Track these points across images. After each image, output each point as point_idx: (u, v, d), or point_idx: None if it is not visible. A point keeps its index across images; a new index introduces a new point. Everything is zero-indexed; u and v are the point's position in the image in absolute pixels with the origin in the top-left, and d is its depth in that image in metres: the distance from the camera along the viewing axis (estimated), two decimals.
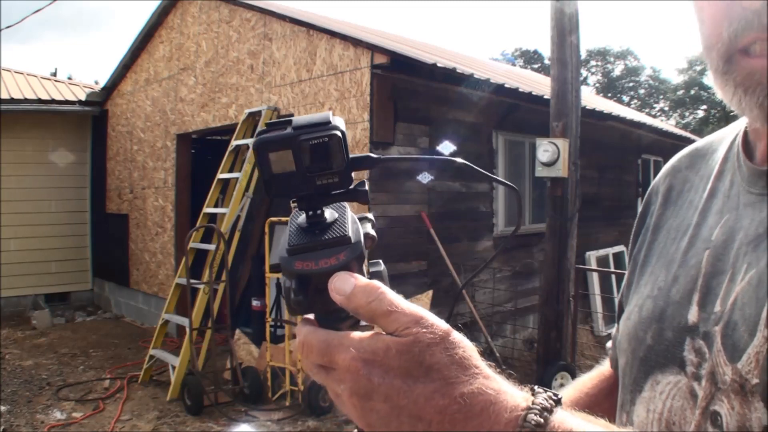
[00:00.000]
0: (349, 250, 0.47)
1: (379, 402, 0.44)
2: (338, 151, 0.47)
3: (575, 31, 5.11)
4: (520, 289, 6.51)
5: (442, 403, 0.44)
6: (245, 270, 7.55)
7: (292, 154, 0.47)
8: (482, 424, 0.44)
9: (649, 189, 0.78)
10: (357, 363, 0.44)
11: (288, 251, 0.48)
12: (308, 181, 0.48)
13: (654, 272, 0.68)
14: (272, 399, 4.99)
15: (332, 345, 0.46)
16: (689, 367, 0.58)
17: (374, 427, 0.46)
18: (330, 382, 0.47)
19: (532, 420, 0.43)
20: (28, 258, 8.62)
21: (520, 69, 22.67)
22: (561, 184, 5.08)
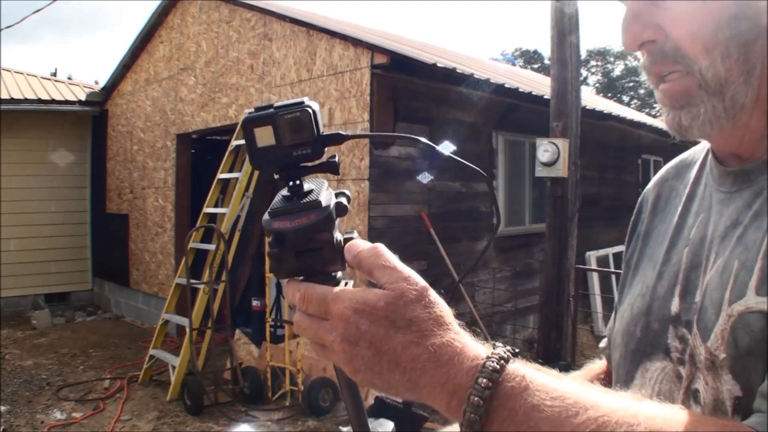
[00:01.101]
0: (319, 212, 0.55)
1: (365, 348, 0.52)
2: (309, 124, 0.55)
3: (575, 31, 5.11)
4: (520, 289, 6.51)
5: (417, 352, 0.51)
6: (245, 270, 7.55)
7: (272, 129, 0.55)
8: (448, 372, 0.51)
9: (640, 198, 0.85)
10: (348, 312, 0.52)
11: (269, 213, 0.56)
12: (286, 153, 0.56)
13: (644, 273, 0.74)
14: (272, 399, 4.99)
15: (329, 297, 0.53)
16: (674, 353, 0.64)
17: (359, 372, 0.53)
18: (323, 332, 0.54)
19: (490, 366, 0.50)
20: (28, 258, 8.62)
21: (520, 69, 22.67)
22: (561, 184, 5.08)
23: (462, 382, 0.50)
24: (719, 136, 0.64)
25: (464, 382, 0.50)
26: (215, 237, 5.66)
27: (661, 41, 0.61)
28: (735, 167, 0.65)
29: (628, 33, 0.63)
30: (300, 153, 0.56)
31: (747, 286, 0.55)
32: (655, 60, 0.63)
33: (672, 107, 0.63)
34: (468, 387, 0.50)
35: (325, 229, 0.55)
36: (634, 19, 0.62)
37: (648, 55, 0.64)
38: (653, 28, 0.62)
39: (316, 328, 0.55)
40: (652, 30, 0.62)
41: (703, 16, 0.58)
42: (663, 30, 0.61)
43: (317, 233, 0.55)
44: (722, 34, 0.58)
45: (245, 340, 5.81)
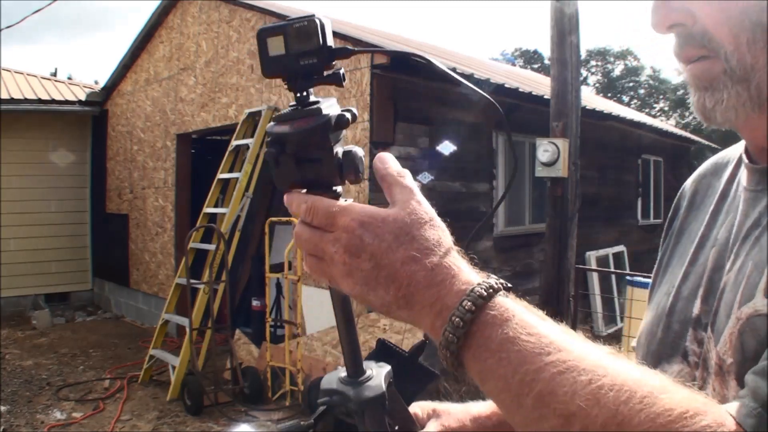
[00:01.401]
0: (318, 118, 0.56)
1: (365, 260, 0.53)
2: (314, 33, 0.57)
3: (575, 31, 5.11)
4: (520, 289, 6.47)
5: (414, 268, 0.52)
6: (245, 270, 7.55)
7: (283, 38, 0.57)
8: (439, 291, 0.52)
9: (679, 193, 0.82)
10: (354, 223, 0.54)
11: (272, 119, 0.58)
12: (294, 62, 0.57)
13: (672, 272, 0.72)
14: (272, 399, 4.99)
15: (336, 209, 0.55)
16: (691, 356, 0.62)
17: (356, 285, 0.54)
18: (324, 243, 0.55)
19: (477, 292, 0.51)
20: (28, 258, 8.62)
21: (520, 69, 22.67)
22: (561, 184, 5.08)
23: (449, 303, 0.51)
24: (745, 127, 0.61)
25: (451, 303, 0.51)
26: (215, 237, 5.66)
27: (689, 24, 0.60)
28: (762, 165, 0.62)
29: (657, 14, 0.62)
30: (306, 62, 0.57)
31: (756, 288, 0.54)
32: (683, 43, 0.61)
33: (697, 88, 0.61)
34: (453, 308, 0.51)
35: (322, 135, 0.56)
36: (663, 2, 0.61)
37: (677, 39, 0.62)
38: (682, 12, 0.60)
39: (318, 239, 0.55)
40: (680, 13, 0.60)
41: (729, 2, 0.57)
42: (692, 13, 0.59)
43: (314, 138, 0.56)
44: (749, 19, 0.56)
45: (245, 340, 5.81)
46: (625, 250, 8.76)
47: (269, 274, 5.25)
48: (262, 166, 5.93)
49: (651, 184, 10.26)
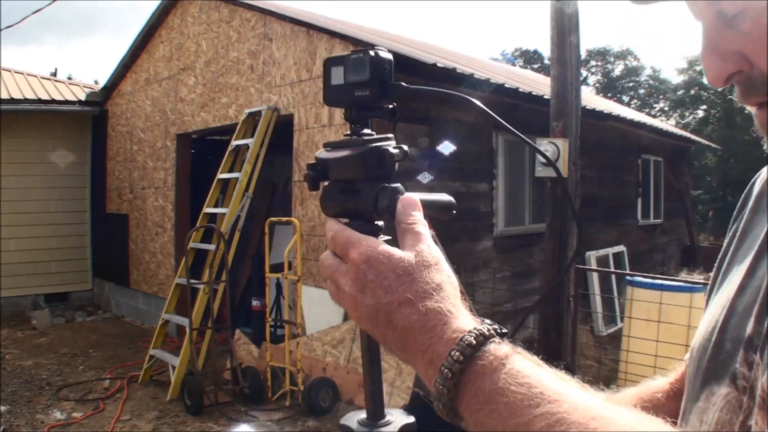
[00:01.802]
0: (359, 149, 0.58)
1: (368, 297, 0.53)
2: (367, 66, 0.58)
3: (575, 31, 5.11)
4: (520, 289, 6.51)
5: (409, 312, 0.52)
6: (245, 270, 7.55)
7: (343, 68, 0.59)
8: (431, 338, 0.51)
9: (745, 191, 0.74)
10: (360, 258, 0.54)
11: (324, 145, 0.61)
12: (349, 92, 0.60)
13: (731, 280, 0.65)
14: (272, 399, 4.99)
15: (351, 241, 0.56)
16: (740, 380, 0.56)
17: (361, 320, 0.55)
18: (338, 274, 0.56)
19: (466, 340, 0.49)
20: (28, 258, 8.62)
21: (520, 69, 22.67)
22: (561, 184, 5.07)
23: (439, 351, 0.50)
24: None
25: (441, 352, 0.50)
26: (215, 237, 5.66)
27: (747, 70, 0.54)
28: None
29: (710, 69, 0.56)
30: (360, 93, 0.59)
31: None
32: (746, 91, 0.56)
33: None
34: (443, 357, 0.50)
35: (360, 167, 0.58)
36: (712, 52, 0.55)
37: (738, 87, 0.56)
38: (735, 58, 0.54)
39: (335, 269, 0.57)
40: (734, 61, 0.55)
41: None
42: (747, 58, 0.54)
43: (352, 168, 0.58)
44: None
45: (245, 340, 5.81)
46: (625, 250, 8.76)
47: (269, 274, 5.25)
48: (262, 167, 5.93)
49: (651, 184, 10.26)
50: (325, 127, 5.46)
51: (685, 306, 4.77)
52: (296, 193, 5.81)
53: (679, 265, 11.20)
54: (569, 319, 5.28)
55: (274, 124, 5.93)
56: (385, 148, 0.58)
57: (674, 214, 11.47)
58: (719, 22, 0.54)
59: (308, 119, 5.65)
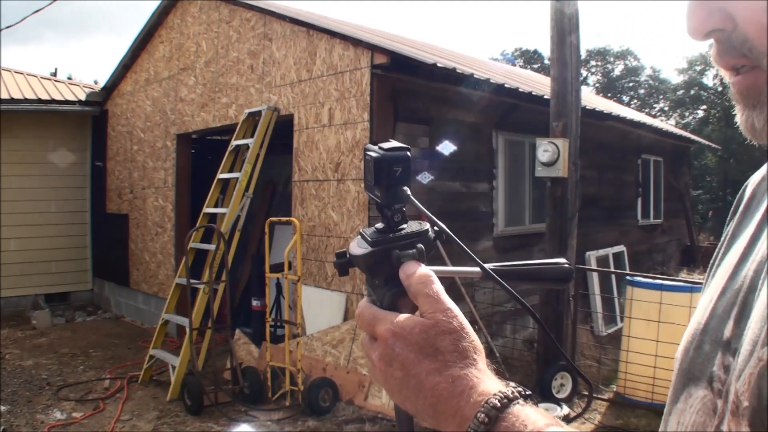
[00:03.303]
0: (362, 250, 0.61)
1: (397, 369, 0.56)
2: (371, 171, 0.60)
3: (575, 31, 5.11)
4: (519, 290, 6.50)
5: (437, 380, 0.54)
6: (245, 270, 7.55)
7: (364, 163, 0.63)
8: (459, 403, 0.53)
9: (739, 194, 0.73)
10: (387, 333, 0.57)
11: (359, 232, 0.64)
12: (371, 189, 0.62)
13: (715, 283, 0.65)
14: (272, 399, 4.99)
15: (377, 318, 0.59)
16: (716, 383, 0.56)
17: (393, 392, 0.58)
18: (371, 350, 0.60)
19: (491, 403, 0.52)
20: (28, 258, 8.62)
21: (520, 69, 22.67)
22: (561, 184, 5.08)
23: (467, 414, 0.53)
24: None
25: (468, 415, 0.53)
26: (215, 237, 5.66)
27: (729, 30, 0.53)
28: None
29: (693, 18, 0.55)
30: (377, 194, 0.62)
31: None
32: (723, 51, 0.55)
33: (745, 106, 0.55)
34: (470, 420, 0.52)
35: (364, 266, 0.61)
36: (700, 4, 0.54)
37: (716, 45, 0.56)
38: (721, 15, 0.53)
39: (368, 347, 0.60)
40: (719, 17, 0.53)
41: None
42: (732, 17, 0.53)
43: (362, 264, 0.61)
44: None
45: (245, 340, 5.81)
46: (625, 250, 8.76)
47: (269, 274, 5.25)
48: (262, 167, 5.93)
49: (651, 184, 10.26)
50: (325, 127, 5.46)
51: (685, 306, 4.77)
52: (296, 193, 5.81)
53: (679, 265, 11.20)
54: (569, 319, 5.29)
55: (274, 124, 5.93)
56: (394, 251, 0.60)
57: (674, 214, 11.47)
58: None
59: (308, 119, 5.65)
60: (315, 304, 5.43)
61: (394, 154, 0.61)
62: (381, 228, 0.63)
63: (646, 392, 4.86)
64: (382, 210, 0.62)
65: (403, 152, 0.61)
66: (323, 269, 5.49)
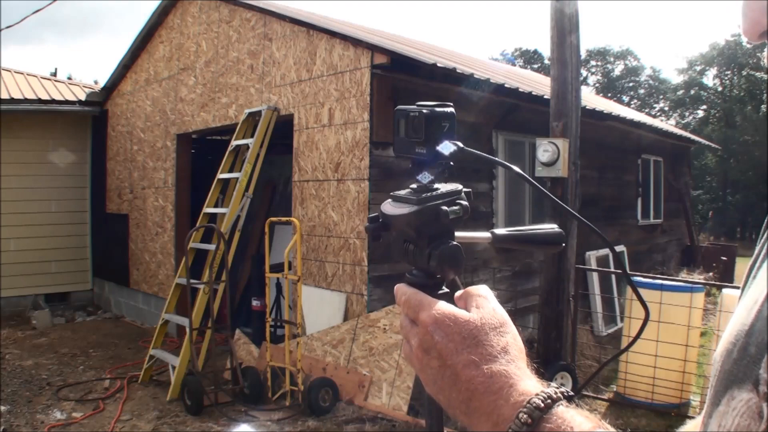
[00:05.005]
0: (415, 206, 0.60)
1: (434, 358, 0.55)
2: (420, 126, 0.61)
3: (575, 31, 5.11)
4: (520, 289, 6.51)
5: (474, 373, 0.53)
6: (245, 270, 7.55)
7: (404, 123, 0.63)
8: (496, 401, 0.52)
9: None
10: (429, 320, 0.56)
11: (390, 196, 0.63)
12: (410, 147, 0.63)
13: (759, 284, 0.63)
14: (272, 399, 4.98)
15: (422, 304, 0.58)
16: (762, 386, 0.54)
17: (427, 382, 0.57)
18: (410, 335, 0.58)
19: (534, 403, 0.50)
20: (28, 258, 8.62)
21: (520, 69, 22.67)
22: (561, 184, 5.08)
23: (505, 414, 0.51)
24: None
25: (507, 415, 0.51)
26: (215, 237, 5.66)
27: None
28: None
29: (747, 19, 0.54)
30: (418, 151, 0.62)
31: None
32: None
33: None
34: (510, 420, 0.50)
35: (411, 225, 0.60)
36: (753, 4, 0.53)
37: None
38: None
39: (407, 331, 0.59)
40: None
41: None
42: None
43: (407, 225, 0.60)
44: None
45: (245, 340, 5.81)
46: (625, 250, 8.76)
47: (269, 274, 5.25)
48: (262, 167, 5.93)
49: (651, 184, 10.26)
50: (325, 127, 5.46)
51: (685, 306, 4.77)
52: (296, 193, 5.81)
53: (679, 265, 11.20)
54: (569, 319, 5.29)
55: (274, 124, 5.93)
56: (441, 207, 0.60)
57: (674, 214, 11.47)
58: None
59: (308, 119, 5.65)
60: (315, 304, 5.43)
61: (443, 110, 0.62)
62: (418, 188, 0.62)
63: (646, 392, 4.87)
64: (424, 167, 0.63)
65: (450, 108, 0.63)
66: (323, 269, 5.49)
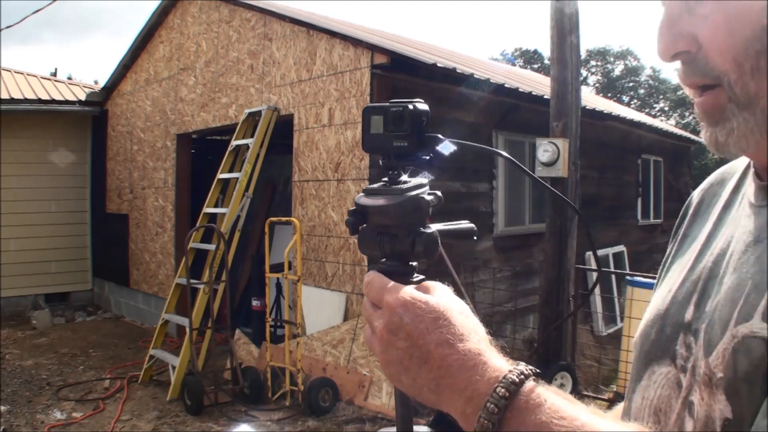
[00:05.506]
0: (398, 198, 0.62)
1: (402, 339, 0.57)
2: (407, 119, 0.63)
3: (575, 31, 5.11)
4: (520, 289, 6.51)
5: (447, 352, 0.55)
6: (245, 270, 7.55)
7: (382, 119, 0.64)
8: (471, 377, 0.54)
9: (687, 200, 0.85)
10: (397, 303, 0.57)
11: (363, 191, 0.64)
12: (389, 142, 0.64)
13: (671, 276, 0.74)
14: (272, 399, 4.99)
15: (386, 288, 0.60)
16: (679, 360, 0.64)
17: (391, 364, 0.58)
18: (373, 318, 0.60)
19: (510, 378, 0.53)
20: (28, 258, 8.62)
21: (520, 69, 22.66)
22: (561, 184, 5.08)
23: (481, 389, 0.54)
24: (756, 151, 0.62)
25: (483, 390, 0.53)
26: (215, 237, 5.66)
27: (694, 52, 0.59)
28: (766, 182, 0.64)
29: (662, 41, 0.61)
30: (398, 144, 0.64)
31: (755, 310, 0.54)
32: (688, 72, 0.61)
33: (708, 124, 0.61)
34: (486, 395, 0.53)
35: (399, 214, 0.62)
36: (668, 28, 0.60)
37: (682, 66, 0.62)
38: (687, 38, 0.59)
39: (370, 314, 0.61)
40: (685, 40, 0.59)
41: (735, 29, 0.56)
42: (696, 41, 0.59)
43: (392, 215, 0.62)
44: (753, 47, 0.56)
45: (245, 340, 5.81)
46: (625, 249, 8.76)
47: (269, 274, 5.25)
48: (262, 167, 5.93)
49: (651, 184, 10.26)
50: (325, 127, 5.46)
51: None
52: (296, 193, 5.81)
53: None
54: (569, 319, 5.28)
55: (274, 124, 5.93)
56: (422, 197, 0.62)
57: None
58: (682, 5, 0.60)
59: (308, 119, 5.65)
60: (315, 304, 5.43)
61: (423, 106, 0.64)
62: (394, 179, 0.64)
63: None
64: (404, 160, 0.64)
65: (425, 104, 0.65)
66: (323, 269, 5.49)
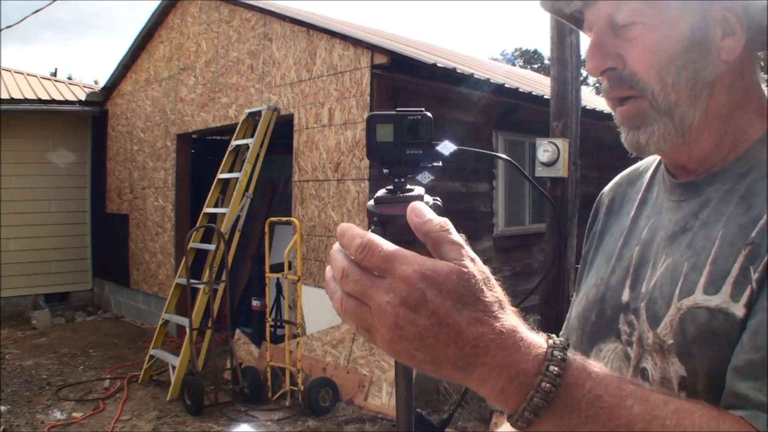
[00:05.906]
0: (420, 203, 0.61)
1: (424, 317, 0.49)
2: (427, 128, 0.63)
3: (575, 31, 5.11)
4: (520, 289, 6.51)
5: (482, 331, 0.51)
6: (245, 270, 7.55)
7: (393, 127, 0.63)
8: (513, 356, 0.51)
9: (596, 201, 0.99)
10: (416, 276, 0.50)
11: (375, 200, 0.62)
12: (400, 150, 0.63)
13: (598, 267, 0.85)
14: (272, 399, 4.99)
15: (398, 256, 0.51)
16: (623, 335, 0.74)
17: (404, 341, 0.50)
18: (375, 289, 0.50)
19: (558, 356, 0.52)
20: (28, 258, 8.62)
21: (520, 69, 22.66)
22: (561, 184, 5.07)
23: (527, 367, 0.52)
24: (671, 151, 0.73)
25: (529, 368, 0.52)
26: (215, 237, 5.66)
27: (620, 68, 0.70)
28: (684, 180, 0.75)
29: (592, 61, 0.71)
30: (412, 152, 0.64)
31: (696, 285, 0.66)
32: (613, 85, 0.71)
33: (630, 128, 0.72)
34: (534, 373, 0.52)
35: None
36: (597, 49, 0.71)
37: (608, 81, 0.72)
38: (614, 57, 0.70)
39: (368, 284, 0.51)
40: (613, 59, 0.70)
41: (659, 47, 0.68)
42: (623, 59, 0.69)
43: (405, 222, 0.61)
44: (674, 63, 0.67)
45: (245, 340, 5.81)
46: None
47: (269, 274, 5.25)
48: (262, 167, 5.93)
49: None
50: (325, 127, 5.46)
51: None
52: (296, 193, 5.81)
53: None
54: None
55: (274, 124, 5.93)
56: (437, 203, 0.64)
57: None
58: (609, 28, 0.70)
59: (308, 119, 5.65)
60: (315, 304, 5.43)
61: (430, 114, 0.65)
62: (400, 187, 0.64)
63: None
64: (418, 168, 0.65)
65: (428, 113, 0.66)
66: (323, 269, 5.48)
